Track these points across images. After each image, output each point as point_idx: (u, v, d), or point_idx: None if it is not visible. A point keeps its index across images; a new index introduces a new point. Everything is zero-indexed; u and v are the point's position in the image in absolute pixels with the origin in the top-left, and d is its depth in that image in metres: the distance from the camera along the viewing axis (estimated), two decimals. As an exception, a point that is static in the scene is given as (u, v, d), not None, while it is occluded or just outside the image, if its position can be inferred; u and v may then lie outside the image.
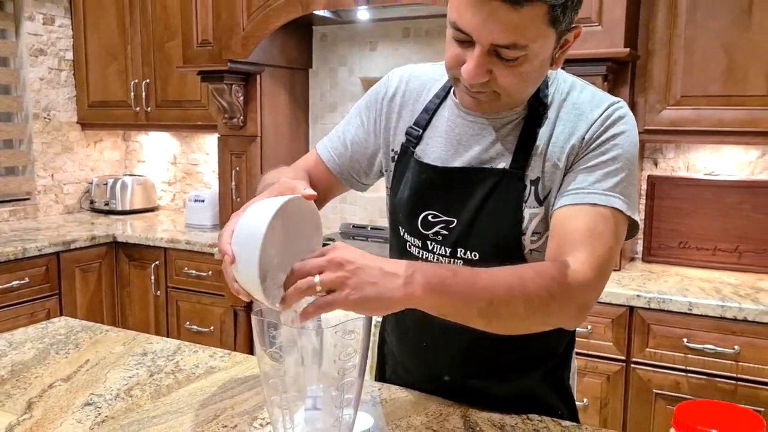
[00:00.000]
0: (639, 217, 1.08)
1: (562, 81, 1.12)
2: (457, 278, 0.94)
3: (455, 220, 1.13)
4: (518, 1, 0.90)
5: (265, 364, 0.95)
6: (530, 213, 1.09)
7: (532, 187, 1.09)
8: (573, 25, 1.00)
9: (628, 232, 1.08)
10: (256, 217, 0.90)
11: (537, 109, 1.10)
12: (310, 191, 0.97)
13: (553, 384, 1.25)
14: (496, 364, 1.21)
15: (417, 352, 1.27)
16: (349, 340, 0.95)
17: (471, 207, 1.11)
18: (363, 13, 2.96)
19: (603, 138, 1.05)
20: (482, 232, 1.11)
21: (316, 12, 2.81)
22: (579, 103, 1.09)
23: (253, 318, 0.94)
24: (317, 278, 0.88)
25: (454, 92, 1.16)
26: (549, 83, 1.11)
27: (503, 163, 1.10)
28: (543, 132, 1.09)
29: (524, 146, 1.09)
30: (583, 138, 1.06)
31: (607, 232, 1.02)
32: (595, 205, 1.03)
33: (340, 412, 0.95)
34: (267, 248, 0.88)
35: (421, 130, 1.19)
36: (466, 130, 1.14)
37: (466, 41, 0.97)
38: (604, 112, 1.06)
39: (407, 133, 1.21)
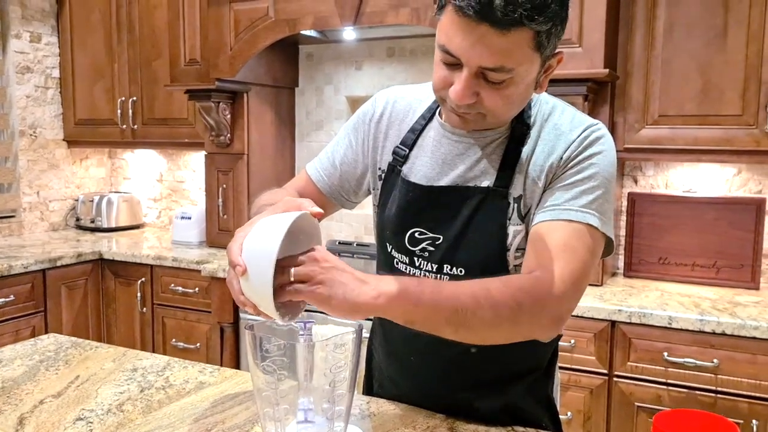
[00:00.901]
0: (614, 235, 1.12)
1: (544, 103, 1.16)
2: (421, 287, 0.99)
3: (441, 237, 1.16)
4: (506, 27, 0.94)
5: (258, 378, 0.97)
6: (514, 230, 1.13)
7: (515, 205, 1.13)
8: (556, 51, 1.05)
9: (604, 249, 1.12)
10: (268, 232, 0.93)
11: (520, 129, 1.14)
12: (317, 209, 1.02)
13: (537, 396, 1.28)
14: (482, 378, 1.24)
15: (404, 366, 1.30)
16: (339, 354, 0.98)
17: (457, 224, 1.15)
18: (349, 33, 3.01)
19: (581, 157, 1.09)
20: (468, 248, 1.14)
21: (303, 32, 2.86)
22: (559, 124, 1.13)
23: (247, 333, 0.97)
24: (293, 269, 0.94)
25: (439, 113, 1.20)
26: (532, 105, 1.15)
27: (487, 182, 1.14)
28: (525, 151, 1.13)
29: (508, 165, 1.13)
30: (561, 157, 1.10)
31: (582, 247, 1.06)
32: (570, 221, 1.07)
33: (331, 424, 0.98)
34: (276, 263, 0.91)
35: (407, 150, 1.23)
36: (452, 149, 1.18)
37: (454, 64, 1.02)
38: (582, 132, 1.11)
39: (394, 153, 1.24)
